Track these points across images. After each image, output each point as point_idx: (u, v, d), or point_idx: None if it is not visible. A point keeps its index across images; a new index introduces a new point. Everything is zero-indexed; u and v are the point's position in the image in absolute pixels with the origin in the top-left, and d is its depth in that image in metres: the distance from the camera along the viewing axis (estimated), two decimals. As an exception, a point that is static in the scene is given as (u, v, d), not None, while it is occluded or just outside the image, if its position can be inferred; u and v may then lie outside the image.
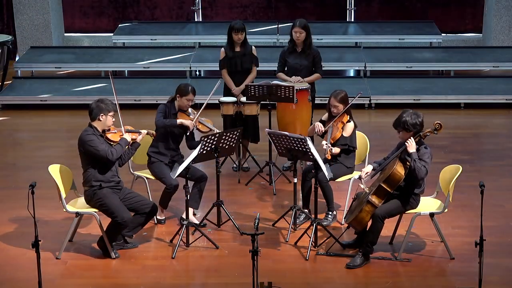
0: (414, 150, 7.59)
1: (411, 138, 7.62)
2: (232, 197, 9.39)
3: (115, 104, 7.88)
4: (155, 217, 8.62)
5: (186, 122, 8.62)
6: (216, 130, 8.71)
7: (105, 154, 7.71)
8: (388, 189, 7.63)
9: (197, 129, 8.81)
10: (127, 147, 8.00)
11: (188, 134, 8.69)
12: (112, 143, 7.86)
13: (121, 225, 7.81)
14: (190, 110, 8.77)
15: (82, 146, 7.75)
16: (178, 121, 8.61)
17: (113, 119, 7.85)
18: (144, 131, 8.14)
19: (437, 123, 7.66)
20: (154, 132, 8.40)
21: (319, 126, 8.60)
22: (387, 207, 7.70)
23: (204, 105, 8.81)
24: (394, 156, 7.77)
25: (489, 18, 14.97)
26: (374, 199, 7.64)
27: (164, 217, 8.73)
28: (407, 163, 7.61)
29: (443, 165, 8.21)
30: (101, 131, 7.82)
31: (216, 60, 10.47)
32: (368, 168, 7.95)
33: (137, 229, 8.08)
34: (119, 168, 8.03)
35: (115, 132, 7.92)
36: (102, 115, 7.77)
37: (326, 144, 8.37)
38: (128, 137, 7.96)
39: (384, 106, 12.71)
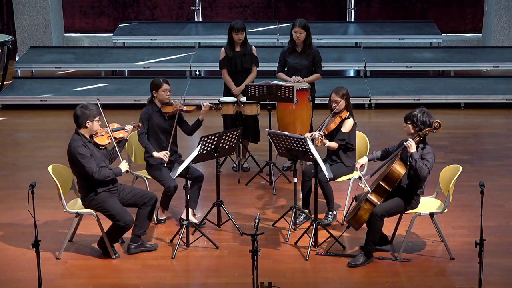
0: (415, 150, 7.60)
1: (410, 139, 7.63)
2: (232, 197, 9.39)
3: (98, 105, 7.79)
4: (155, 217, 8.62)
5: (158, 155, 8.46)
6: (202, 103, 8.75)
7: (91, 172, 7.62)
8: (386, 187, 7.64)
9: (186, 111, 8.79)
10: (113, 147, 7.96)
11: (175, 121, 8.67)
12: (101, 146, 7.83)
13: (124, 228, 7.80)
14: (172, 101, 8.73)
15: (71, 156, 7.70)
16: (153, 153, 8.48)
17: (99, 123, 7.81)
18: (129, 126, 8.10)
19: (436, 121, 7.67)
20: (139, 124, 8.38)
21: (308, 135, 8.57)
22: (387, 206, 7.71)
23: (181, 101, 8.74)
24: (393, 155, 7.78)
25: (489, 18, 14.97)
26: (373, 197, 7.65)
27: (164, 217, 8.73)
28: (408, 162, 7.62)
29: (443, 165, 8.21)
30: (88, 137, 7.80)
31: (216, 60, 10.47)
32: (363, 159, 8.00)
33: (146, 224, 8.01)
34: (112, 164, 8.01)
35: (102, 135, 7.86)
36: (88, 122, 7.71)
37: (318, 133, 8.36)
38: (125, 165, 7.84)
39: (384, 106, 12.71)
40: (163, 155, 8.48)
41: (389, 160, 7.78)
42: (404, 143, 7.67)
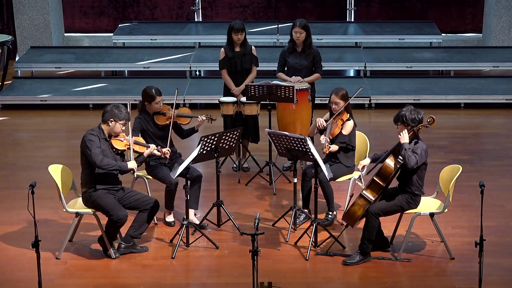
0: (406, 141, 7.60)
1: (405, 130, 7.63)
2: (232, 197, 9.39)
3: (129, 113, 7.84)
4: (160, 219, 8.60)
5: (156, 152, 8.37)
6: (199, 116, 8.74)
7: (95, 158, 7.64)
8: (380, 182, 7.65)
9: (180, 123, 8.78)
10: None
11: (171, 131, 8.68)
12: (114, 150, 7.84)
13: (117, 223, 7.80)
14: (165, 110, 8.72)
15: (81, 143, 7.76)
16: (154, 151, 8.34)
17: (123, 127, 7.82)
18: (152, 146, 8.10)
19: (430, 117, 7.69)
20: (166, 152, 8.26)
21: (321, 121, 8.59)
22: (382, 204, 7.72)
23: (175, 104, 8.71)
24: (390, 151, 7.80)
25: (489, 18, 14.96)
26: (367, 193, 7.67)
27: (173, 219, 8.67)
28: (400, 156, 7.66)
29: (443, 165, 8.21)
30: (107, 134, 7.82)
31: (216, 60, 10.47)
32: (366, 161, 8.01)
33: (143, 228, 8.03)
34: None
35: (121, 140, 7.88)
36: (111, 121, 7.76)
37: (324, 138, 8.37)
38: (133, 164, 7.85)
39: (384, 106, 12.71)
40: (153, 149, 8.24)
41: (385, 157, 7.80)
42: (399, 135, 7.67)
